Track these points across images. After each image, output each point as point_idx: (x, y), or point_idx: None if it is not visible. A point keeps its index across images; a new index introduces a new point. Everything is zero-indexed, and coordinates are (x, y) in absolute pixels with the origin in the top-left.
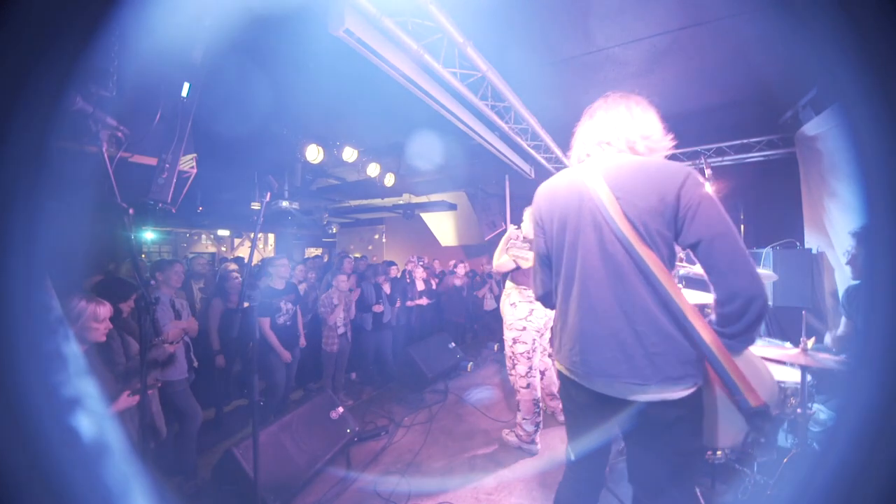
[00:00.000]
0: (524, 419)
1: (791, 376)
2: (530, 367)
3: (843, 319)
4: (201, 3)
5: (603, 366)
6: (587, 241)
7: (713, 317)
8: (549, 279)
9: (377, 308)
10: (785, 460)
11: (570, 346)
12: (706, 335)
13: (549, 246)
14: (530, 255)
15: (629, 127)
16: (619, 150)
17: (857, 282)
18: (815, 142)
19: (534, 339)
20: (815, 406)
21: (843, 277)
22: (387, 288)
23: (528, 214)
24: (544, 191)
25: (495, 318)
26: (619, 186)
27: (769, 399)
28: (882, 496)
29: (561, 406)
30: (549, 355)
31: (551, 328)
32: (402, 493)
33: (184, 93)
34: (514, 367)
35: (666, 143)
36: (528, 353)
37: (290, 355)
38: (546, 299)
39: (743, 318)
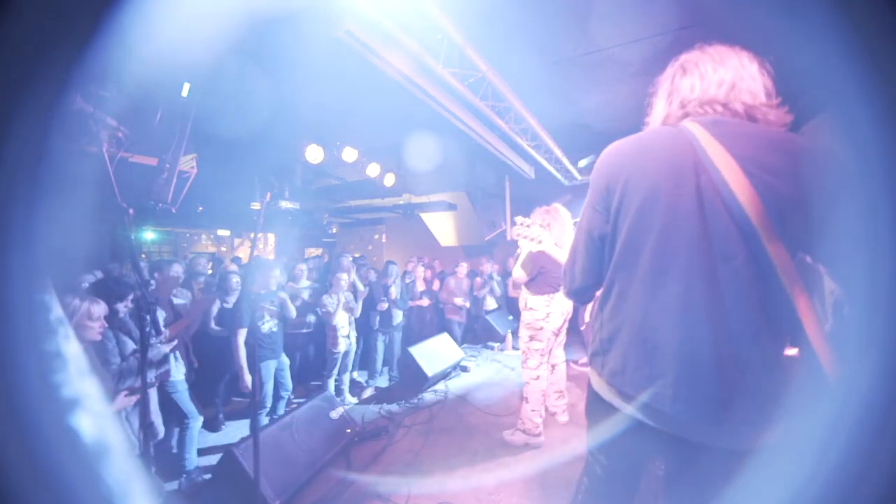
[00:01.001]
0: (532, 411)
1: None
2: (542, 363)
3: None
4: (203, 4)
5: (700, 405)
6: (696, 229)
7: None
8: (597, 268)
9: (382, 306)
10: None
11: (641, 369)
12: (824, 357)
13: (619, 223)
14: (546, 236)
15: (748, 87)
16: (733, 114)
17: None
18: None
19: (549, 339)
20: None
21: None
22: (393, 292)
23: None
24: (626, 148)
25: (495, 318)
26: (750, 160)
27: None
28: (882, 496)
29: (566, 414)
30: (573, 359)
31: (600, 339)
32: (401, 493)
33: (184, 93)
34: (525, 362)
35: (783, 115)
36: (543, 350)
37: (250, 380)
38: (583, 294)
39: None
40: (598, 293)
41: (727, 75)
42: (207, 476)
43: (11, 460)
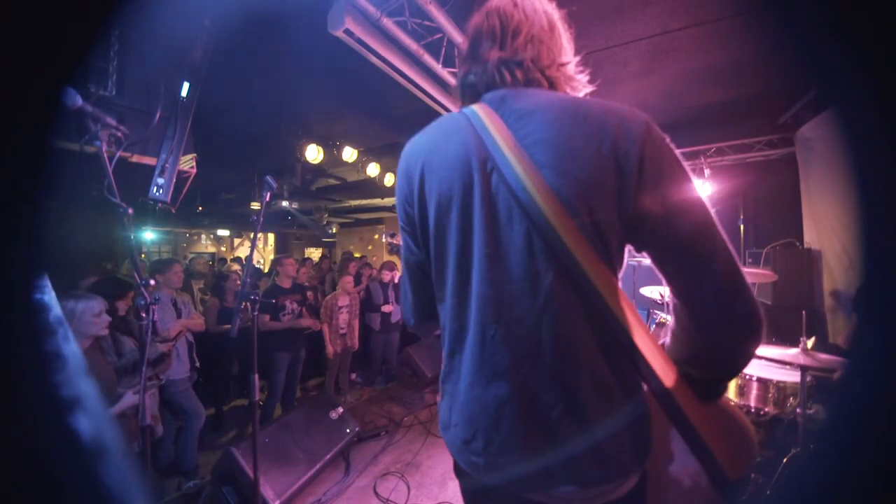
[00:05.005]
0: None
1: (790, 376)
2: None
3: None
4: (202, 3)
5: (522, 468)
6: (485, 245)
7: (674, 352)
8: (423, 301)
9: (386, 308)
10: (784, 460)
11: (465, 430)
12: (669, 381)
13: (429, 246)
14: None
15: (546, 42)
16: (529, 77)
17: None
18: (814, 142)
19: None
20: (815, 406)
21: (842, 277)
22: (388, 280)
23: None
24: (412, 152)
25: None
26: (538, 143)
27: (751, 465)
28: (881, 497)
29: None
30: None
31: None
32: (401, 493)
33: (183, 93)
34: None
35: (583, 80)
36: None
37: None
38: (422, 331)
39: (730, 359)
40: None
41: (526, 25)
42: (207, 476)
43: (10, 461)
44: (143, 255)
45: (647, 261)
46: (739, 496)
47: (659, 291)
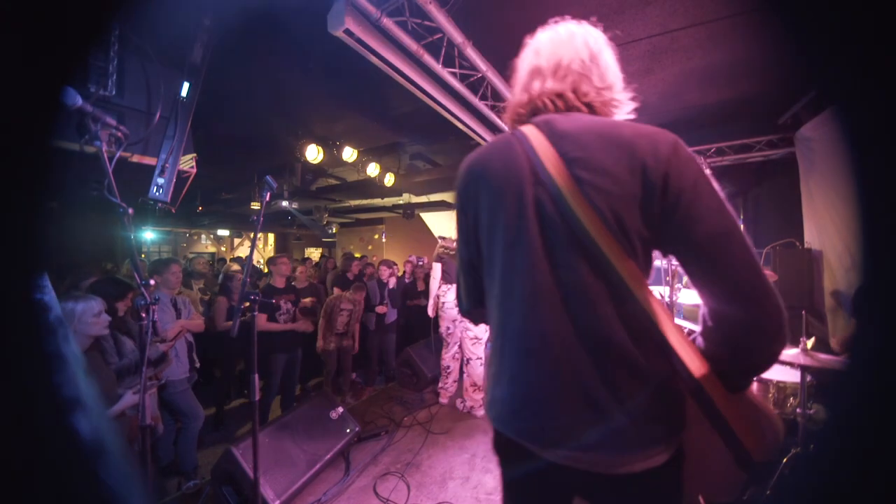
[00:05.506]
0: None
1: (790, 376)
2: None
3: (853, 321)
4: (202, 3)
5: (568, 431)
6: (531, 244)
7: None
8: (473, 292)
9: (381, 309)
10: (784, 460)
11: (513, 401)
12: (699, 372)
13: (476, 245)
14: None
15: (585, 74)
16: (570, 104)
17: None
18: (814, 142)
19: (447, 328)
20: (815, 406)
21: (842, 277)
22: (392, 282)
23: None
24: (469, 166)
25: None
26: (578, 161)
27: (775, 447)
28: (881, 497)
29: (482, 409)
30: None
31: (487, 369)
32: (401, 493)
33: (183, 93)
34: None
35: (627, 100)
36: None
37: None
38: (471, 317)
39: (755, 354)
40: None
41: (566, 60)
42: (207, 476)
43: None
44: (143, 256)
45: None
46: (764, 476)
47: (659, 292)
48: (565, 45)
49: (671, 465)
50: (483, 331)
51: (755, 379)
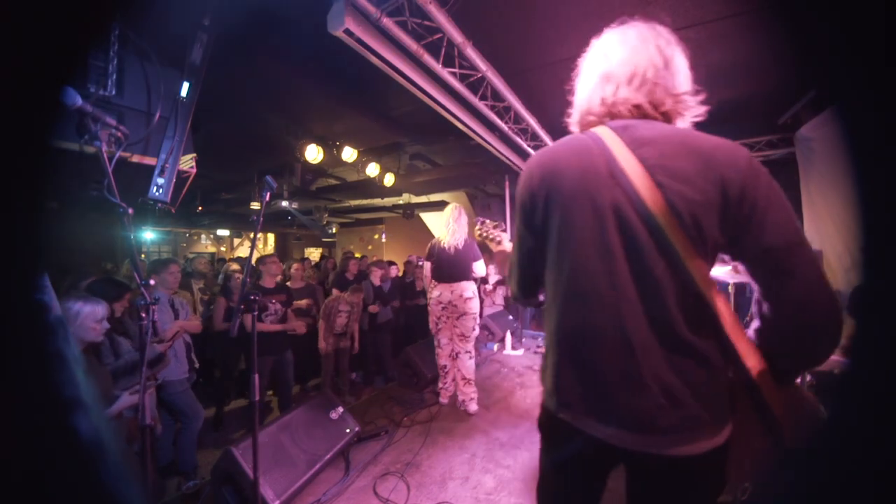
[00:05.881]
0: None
1: None
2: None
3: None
4: (202, 3)
5: (644, 418)
6: (613, 244)
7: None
8: (529, 281)
9: (373, 308)
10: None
11: (588, 389)
12: (754, 365)
13: (547, 239)
14: (505, 236)
15: (662, 79)
16: (646, 114)
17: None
18: (814, 142)
19: (435, 324)
20: None
21: (842, 278)
22: (376, 281)
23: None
24: (543, 157)
25: (494, 318)
26: (659, 167)
27: (810, 435)
28: (881, 496)
29: (474, 404)
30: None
31: (543, 354)
32: (401, 494)
33: (183, 93)
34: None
35: (698, 105)
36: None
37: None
38: (524, 303)
39: (811, 353)
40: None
41: (640, 68)
42: (207, 476)
43: (10, 461)
44: (143, 256)
45: None
46: (798, 459)
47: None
48: (639, 52)
49: (723, 447)
50: (471, 328)
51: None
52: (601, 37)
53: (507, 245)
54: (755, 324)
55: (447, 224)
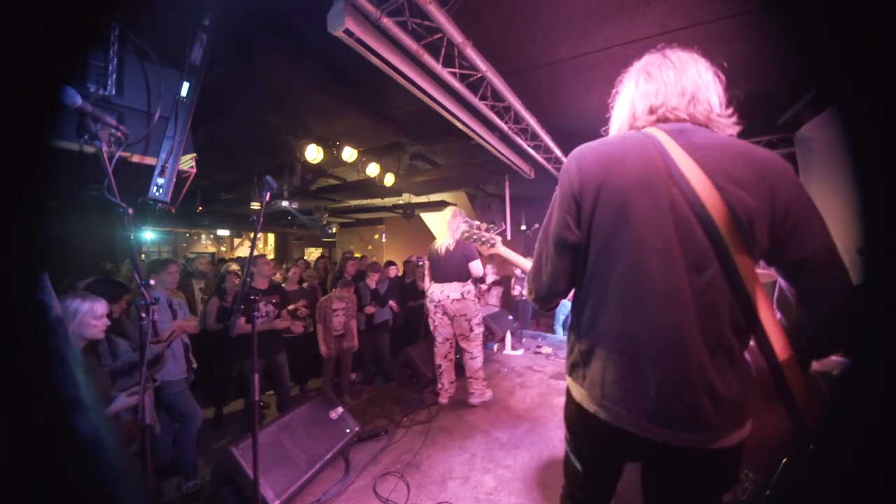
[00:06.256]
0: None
1: None
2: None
3: None
4: (202, 2)
5: (689, 415)
6: (670, 242)
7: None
8: (566, 276)
9: (368, 310)
10: (784, 460)
11: (625, 384)
12: (781, 352)
13: (594, 233)
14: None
15: (706, 96)
16: (694, 124)
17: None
18: (814, 142)
19: (433, 322)
20: None
21: None
22: (372, 284)
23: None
24: (597, 154)
25: (494, 318)
26: (719, 172)
27: (824, 418)
28: (880, 497)
29: (475, 398)
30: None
31: (580, 350)
32: (401, 494)
33: (183, 93)
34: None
35: (734, 125)
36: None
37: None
38: (550, 300)
39: (831, 346)
40: (570, 303)
41: (688, 84)
42: (207, 476)
43: (10, 460)
44: (143, 256)
45: None
46: (812, 443)
47: None
48: (685, 71)
49: (746, 439)
50: (467, 328)
51: None
52: (642, 59)
53: (502, 248)
54: (779, 316)
55: (441, 225)
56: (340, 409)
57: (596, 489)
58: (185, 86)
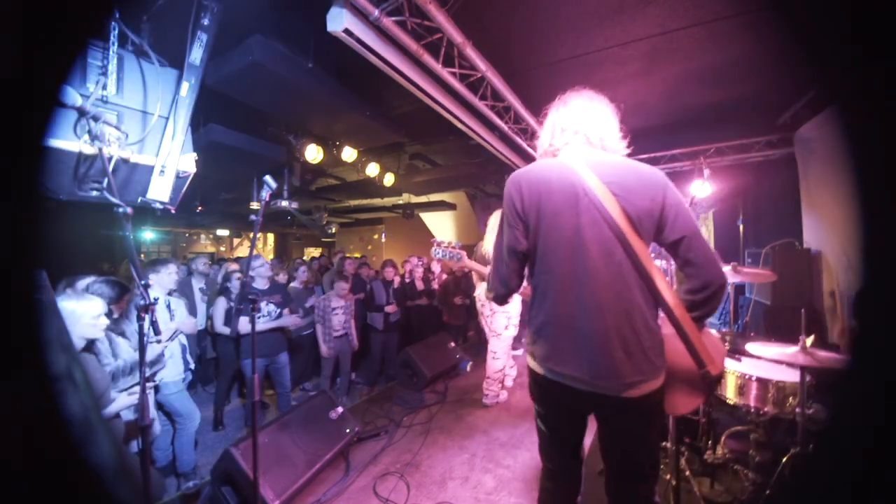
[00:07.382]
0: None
1: (790, 376)
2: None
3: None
4: (201, 2)
5: (610, 368)
6: (587, 238)
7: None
8: (517, 276)
9: (390, 309)
10: (784, 460)
11: (566, 349)
12: (684, 320)
13: (533, 239)
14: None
15: (602, 123)
16: (591, 144)
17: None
18: (814, 142)
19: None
20: (814, 406)
21: (841, 278)
22: (396, 281)
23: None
24: (529, 179)
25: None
26: (615, 184)
27: (723, 366)
28: (881, 496)
29: (487, 398)
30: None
31: (532, 331)
32: (401, 493)
33: (183, 92)
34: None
35: (625, 147)
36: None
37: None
38: (508, 296)
39: (712, 302)
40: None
41: (592, 112)
42: (206, 476)
43: (12, 456)
44: (142, 256)
45: None
46: (716, 388)
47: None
48: (588, 110)
49: (662, 387)
50: (502, 325)
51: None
52: (564, 97)
53: (467, 261)
54: (679, 286)
55: (492, 228)
56: (340, 409)
57: (561, 449)
58: (185, 86)
